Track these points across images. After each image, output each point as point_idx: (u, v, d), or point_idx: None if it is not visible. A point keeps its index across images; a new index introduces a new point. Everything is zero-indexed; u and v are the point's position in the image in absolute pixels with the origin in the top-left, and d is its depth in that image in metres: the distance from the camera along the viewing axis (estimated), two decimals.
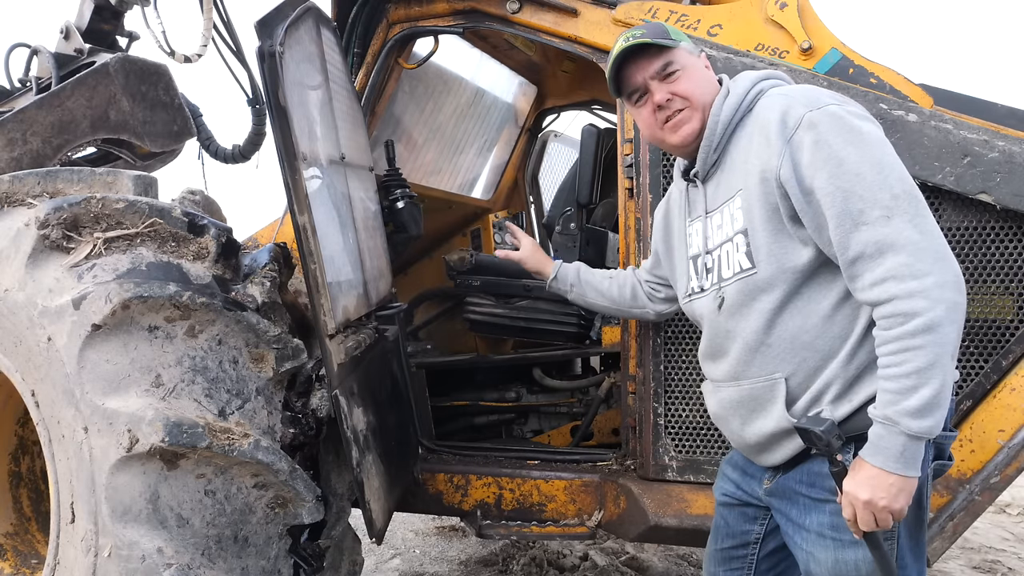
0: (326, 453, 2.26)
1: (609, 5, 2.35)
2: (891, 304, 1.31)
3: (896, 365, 1.30)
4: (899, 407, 1.30)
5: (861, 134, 1.37)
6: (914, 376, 1.28)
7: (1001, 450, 1.91)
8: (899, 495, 1.33)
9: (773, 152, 1.43)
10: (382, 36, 2.70)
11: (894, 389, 1.31)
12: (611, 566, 3.52)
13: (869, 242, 1.33)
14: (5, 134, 2.55)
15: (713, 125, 1.57)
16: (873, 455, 1.34)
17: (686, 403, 2.26)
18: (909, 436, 1.30)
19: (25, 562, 2.43)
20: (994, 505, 3.50)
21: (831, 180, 1.36)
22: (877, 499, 1.32)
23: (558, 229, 3.07)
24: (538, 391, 3.21)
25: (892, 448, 1.31)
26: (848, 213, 1.34)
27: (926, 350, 1.27)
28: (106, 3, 2.77)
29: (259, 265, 2.18)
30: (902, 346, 1.29)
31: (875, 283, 1.33)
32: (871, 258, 1.33)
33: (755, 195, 1.47)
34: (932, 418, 1.29)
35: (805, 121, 1.40)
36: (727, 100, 1.57)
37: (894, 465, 1.31)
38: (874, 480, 1.33)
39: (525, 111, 4.18)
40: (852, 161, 1.35)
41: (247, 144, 3.03)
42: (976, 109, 2.05)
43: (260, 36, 1.82)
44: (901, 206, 1.32)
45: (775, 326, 1.49)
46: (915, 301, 1.28)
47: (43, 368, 1.93)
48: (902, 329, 1.29)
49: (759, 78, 1.58)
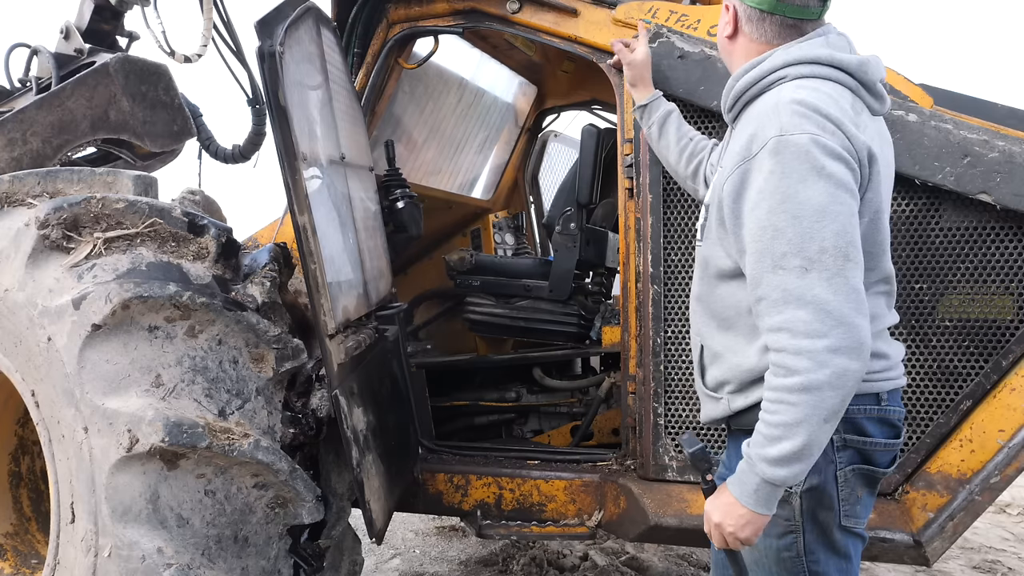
0: (326, 453, 2.26)
1: (609, 5, 2.35)
2: (779, 355, 1.33)
3: (769, 413, 1.34)
4: (761, 451, 1.35)
5: (819, 175, 1.32)
6: (781, 428, 1.32)
7: (1001, 450, 1.91)
8: (746, 527, 1.39)
9: (733, 162, 1.44)
10: (382, 36, 2.70)
11: (763, 433, 1.35)
12: (611, 566, 3.52)
13: (778, 287, 1.33)
14: (5, 134, 2.56)
15: (729, 87, 1.56)
16: (733, 484, 1.41)
17: (686, 403, 2.26)
18: (763, 479, 1.35)
19: (25, 562, 2.43)
20: (994, 505, 3.50)
21: (769, 215, 1.34)
22: (725, 525, 1.41)
23: (558, 229, 3.06)
24: (538, 391, 3.21)
25: (748, 484, 1.37)
26: (770, 252, 1.34)
27: (798, 408, 1.30)
28: (106, 3, 2.77)
29: (259, 265, 2.18)
30: (778, 397, 1.33)
31: (772, 329, 1.34)
32: (774, 304, 1.33)
33: (723, 182, 1.49)
34: (789, 469, 1.33)
35: (770, 145, 1.36)
36: (749, 72, 1.50)
37: (747, 500, 1.37)
38: (728, 507, 1.41)
39: (525, 111, 4.18)
40: (795, 201, 1.32)
41: (247, 144, 3.03)
42: (976, 109, 2.05)
43: (260, 36, 1.82)
44: (825, 261, 1.30)
45: (716, 290, 1.57)
46: (800, 360, 1.29)
47: (43, 368, 1.93)
48: (782, 382, 1.32)
49: (800, 59, 1.45)
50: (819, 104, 1.38)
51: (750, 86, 1.50)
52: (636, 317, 2.31)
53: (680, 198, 2.24)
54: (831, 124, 1.36)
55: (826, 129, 1.35)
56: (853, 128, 1.38)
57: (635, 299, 2.31)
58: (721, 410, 1.57)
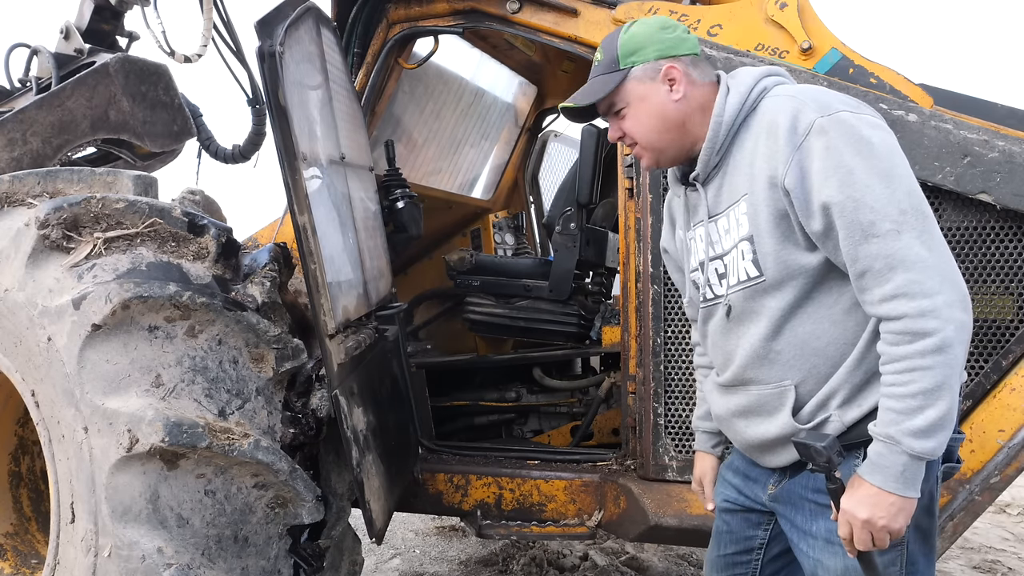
0: (326, 453, 2.26)
1: (609, 5, 2.35)
2: (901, 322, 1.28)
3: (902, 384, 1.28)
4: (902, 427, 1.28)
5: (872, 144, 1.34)
6: (920, 397, 1.26)
7: (1001, 450, 1.91)
8: (898, 515, 1.30)
9: (781, 158, 1.40)
10: (382, 36, 2.70)
11: (899, 408, 1.29)
12: (611, 566, 3.52)
13: (879, 256, 1.30)
14: (5, 134, 2.55)
15: (716, 127, 1.52)
16: (872, 473, 1.32)
17: (686, 403, 2.26)
18: (911, 456, 1.28)
19: (25, 562, 2.43)
20: (994, 505, 3.50)
21: (841, 189, 1.33)
22: (876, 518, 1.30)
23: (558, 229, 3.06)
24: (538, 391, 3.21)
25: (893, 467, 1.29)
26: (858, 224, 1.31)
27: (935, 371, 1.25)
28: (106, 3, 2.77)
29: (259, 265, 2.18)
30: (910, 365, 1.27)
31: (884, 299, 1.30)
32: (880, 273, 1.30)
33: (761, 200, 1.44)
34: (936, 439, 1.27)
35: (816, 127, 1.36)
36: (728, 99, 1.52)
37: (894, 485, 1.29)
38: (873, 499, 1.31)
39: (525, 111, 4.18)
40: (862, 171, 1.32)
41: (247, 144, 3.03)
42: (976, 109, 2.05)
43: (260, 36, 1.82)
44: (910, 221, 1.29)
45: (783, 332, 1.47)
46: (926, 321, 1.26)
47: (43, 368, 1.93)
48: (911, 348, 1.27)
49: (760, 75, 1.54)
50: (826, 89, 1.47)
51: (738, 111, 1.51)
52: (636, 317, 2.31)
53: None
54: (852, 100, 1.42)
55: (852, 105, 1.40)
56: None
57: (635, 299, 2.31)
58: (831, 431, 1.42)
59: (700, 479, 1.83)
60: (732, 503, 1.71)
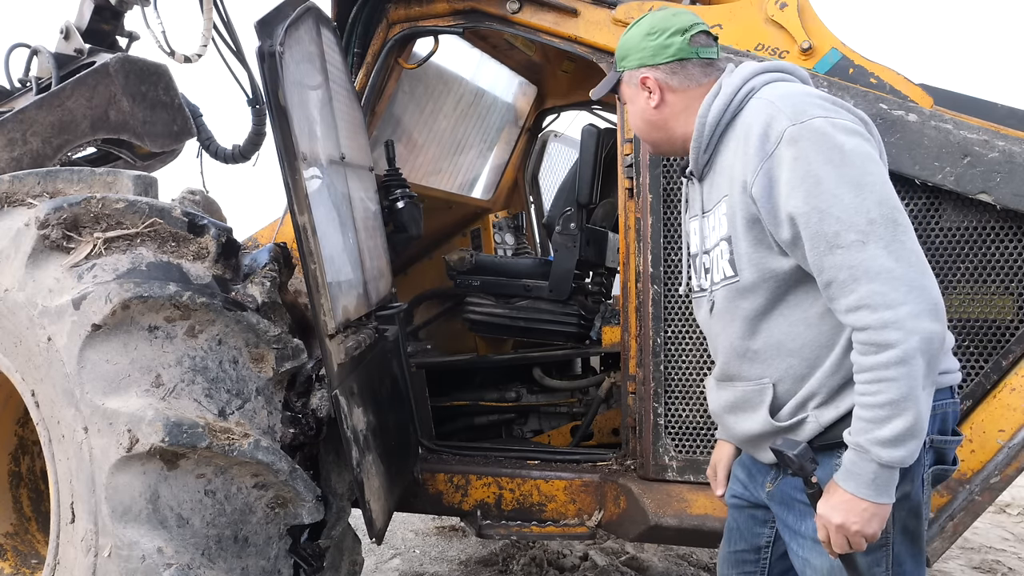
0: (326, 453, 2.26)
1: (609, 5, 2.35)
2: (865, 333, 1.30)
3: (870, 394, 1.30)
4: (871, 436, 1.30)
5: (843, 152, 1.33)
6: (888, 407, 1.28)
7: (1001, 450, 1.91)
8: (871, 520, 1.33)
9: (751, 166, 1.41)
10: (382, 36, 2.70)
11: (867, 418, 1.31)
12: (611, 566, 3.52)
13: (843, 267, 1.31)
14: (5, 134, 2.56)
15: (700, 127, 1.54)
16: (846, 480, 1.34)
17: (686, 403, 2.26)
18: (881, 465, 1.30)
19: (25, 562, 2.43)
20: (994, 505, 3.50)
21: (807, 200, 1.33)
22: (849, 524, 1.33)
23: (558, 229, 3.07)
24: (538, 391, 3.21)
25: (864, 475, 1.32)
26: (823, 235, 1.32)
27: (899, 383, 1.27)
28: (106, 3, 2.77)
29: (259, 265, 2.18)
30: (876, 376, 1.29)
31: (849, 310, 1.32)
32: (844, 284, 1.31)
33: (737, 203, 1.46)
34: (904, 448, 1.29)
35: (786, 136, 1.36)
36: (715, 101, 1.53)
37: (866, 491, 1.32)
38: (847, 505, 1.34)
39: (525, 111, 4.18)
40: (831, 181, 1.32)
41: (247, 144, 3.03)
42: (976, 109, 2.05)
43: (260, 36, 1.82)
44: (877, 231, 1.29)
45: (759, 332, 1.49)
46: (888, 332, 1.27)
47: (43, 368, 1.93)
48: (875, 359, 1.29)
49: (756, 71, 1.54)
50: (810, 92, 1.44)
51: (722, 113, 1.51)
52: (636, 317, 2.32)
53: (680, 198, 2.24)
54: (831, 105, 1.41)
55: (830, 110, 1.39)
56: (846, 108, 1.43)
57: (635, 299, 2.31)
58: (808, 432, 1.45)
59: (715, 465, 1.84)
60: (739, 498, 1.73)
